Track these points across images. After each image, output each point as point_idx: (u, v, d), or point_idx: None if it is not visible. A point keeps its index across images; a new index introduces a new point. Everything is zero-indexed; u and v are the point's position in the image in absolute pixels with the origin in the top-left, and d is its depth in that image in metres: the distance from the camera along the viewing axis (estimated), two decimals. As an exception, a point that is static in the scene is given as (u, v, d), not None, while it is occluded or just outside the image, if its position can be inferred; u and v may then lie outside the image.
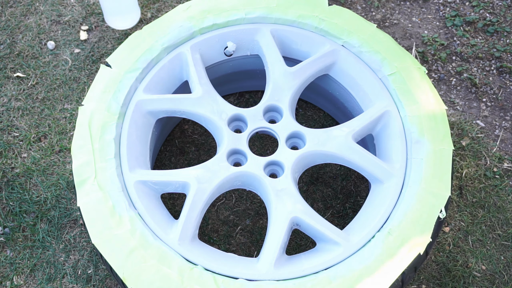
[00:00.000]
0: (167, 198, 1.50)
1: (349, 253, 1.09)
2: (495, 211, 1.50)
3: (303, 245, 1.44)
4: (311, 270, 1.08)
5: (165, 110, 1.27)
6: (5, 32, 1.80)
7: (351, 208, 1.50)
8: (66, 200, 1.50)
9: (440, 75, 1.75)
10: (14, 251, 1.43)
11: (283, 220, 1.13)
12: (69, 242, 1.44)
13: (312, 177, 1.55)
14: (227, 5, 1.38)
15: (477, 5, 1.89)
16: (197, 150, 1.59)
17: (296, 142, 1.28)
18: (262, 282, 1.06)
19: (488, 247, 1.45)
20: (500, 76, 1.76)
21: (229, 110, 1.27)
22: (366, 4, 1.90)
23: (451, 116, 1.67)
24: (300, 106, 1.66)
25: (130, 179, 1.16)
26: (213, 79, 1.41)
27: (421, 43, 1.81)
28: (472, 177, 1.55)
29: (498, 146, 1.62)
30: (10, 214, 1.48)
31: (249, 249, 1.44)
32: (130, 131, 1.23)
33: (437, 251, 1.44)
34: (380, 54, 1.32)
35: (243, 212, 1.49)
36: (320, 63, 1.34)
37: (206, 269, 1.07)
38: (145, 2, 1.87)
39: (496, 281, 1.40)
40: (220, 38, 1.37)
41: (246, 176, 1.20)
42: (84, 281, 1.39)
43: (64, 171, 1.54)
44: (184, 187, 1.18)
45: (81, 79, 1.71)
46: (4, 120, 1.62)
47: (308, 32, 1.37)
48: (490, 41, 1.82)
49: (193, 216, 1.14)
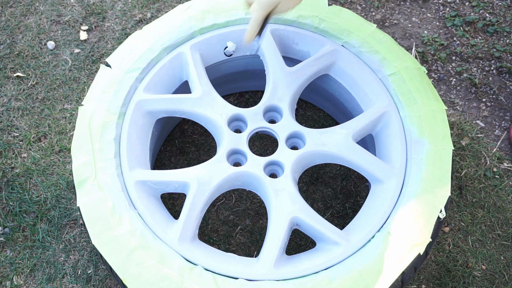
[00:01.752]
0: (167, 198, 1.50)
1: (349, 253, 1.09)
2: (495, 211, 1.50)
3: (303, 245, 1.44)
4: (311, 270, 1.08)
5: (165, 110, 1.27)
6: (5, 32, 1.80)
7: (351, 208, 1.50)
8: (66, 200, 1.50)
9: (440, 75, 1.75)
10: (14, 251, 1.43)
11: (283, 220, 1.13)
12: (69, 242, 1.44)
13: (312, 177, 1.55)
14: (227, 5, 1.38)
15: (477, 5, 1.89)
16: (197, 150, 1.59)
17: (296, 142, 1.28)
18: (262, 282, 1.06)
19: (488, 247, 1.45)
20: (500, 76, 1.76)
21: (229, 110, 1.27)
22: (366, 4, 1.90)
23: (451, 116, 1.67)
24: (300, 106, 1.66)
25: (130, 179, 1.16)
26: (213, 79, 1.41)
27: (421, 43, 1.81)
28: (472, 177, 1.55)
29: (498, 146, 1.62)
30: (10, 214, 1.48)
31: (249, 249, 1.44)
32: (130, 131, 1.23)
33: (437, 251, 1.44)
34: (380, 54, 1.32)
35: (243, 212, 1.49)
36: (320, 63, 1.34)
37: (206, 269, 1.07)
38: (145, 2, 1.87)
39: (496, 281, 1.40)
40: (220, 38, 1.37)
41: (246, 176, 1.20)
42: (84, 281, 1.39)
43: (64, 171, 1.54)
44: (184, 187, 1.18)
45: (81, 79, 1.71)
46: (4, 120, 1.62)
47: (308, 32, 1.37)
48: (490, 41, 1.82)
49: (193, 216, 1.14)
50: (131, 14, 1.84)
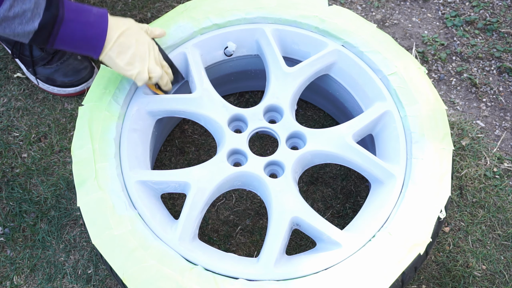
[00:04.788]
0: (167, 198, 1.50)
1: (349, 253, 1.09)
2: (495, 211, 1.50)
3: (303, 245, 1.44)
4: (311, 270, 1.08)
5: (165, 110, 1.27)
6: (5, 32, 1.80)
7: (351, 208, 1.50)
8: (66, 200, 1.50)
9: (440, 75, 1.75)
10: (14, 251, 1.43)
11: (283, 220, 1.13)
12: (69, 242, 1.44)
13: (312, 177, 1.55)
14: (227, 5, 1.38)
15: (477, 5, 1.89)
16: (197, 150, 1.59)
17: (296, 142, 1.28)
18: (262, 282, 1.06)
19: (488, 247, 1.45)
20: (500, 76, 1.76)
21: (229, 110, 1.27)
22: (366, 4, 1.90)
23: (451, 116, 1.67)
24: (300, 106, 1.66)
25: (130, 179, 1.16)
26: (213, 79, 1.41)
27: (421, 43, 1.81)
28: (472, 177, 1.55)
29: (498, 146, 1.62)
30: (10, 214, 1.48)
31: (249, 249, 1.44)
32: (130, 131, 1.23)
33: (437, 251, 1.44)
34: (380, 54, 1.32)
35: (243, 212, 1.49)
36: (320, 63, 1.34)
37: (206, 269, 1.07)
38: (145, 2, 1.87)
39: (496, 281, 1.40)
40: (220, 38, 1.37)
41: (246, 176, 1.20)
42: (84, 281, 1.39)
43: (64, 171, 1.54)
44: (184, 187, 1.18)
45: (81, 79, 1.70)
46: (4, 120, 1.62)
47: (309, 32, 1.37)
48: (490, 41, 1.82)
49: (193, 216, 1.14)
50: (131, 14, 1.84)
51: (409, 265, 1.06)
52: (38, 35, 1.00)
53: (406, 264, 1.06)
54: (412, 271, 1.10)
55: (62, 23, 1.02)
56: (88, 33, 1.06)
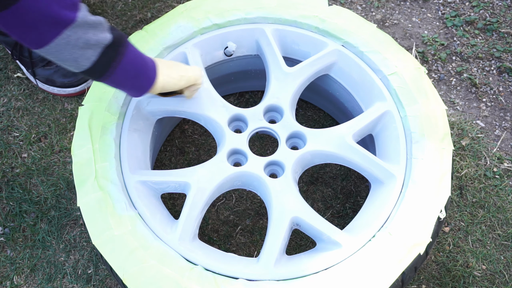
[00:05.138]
0: (167, 198, 1.50)
1: (349, 253, 1.09)
2: (495, 211, 1.50)
3: (303, 245, 1.44)
4: (311, 270, 1.08)
5: (165, 110, 1.27)
6: (5, 32, 1.80)
7: (351, 208, 1.50)
8: (66, 200, 1.50)
9: (440, 75, 1.75)
10: (14, 251, 1.43)
11: (283, 220, 1.13)
12: (69, 242, 1.44)
13: (312, 177, 1.55)
14: (228, 5, 1.38)
15: (477, 5, 1.89)
16: (197, 150, 1.59)
17: (296, 142, 1.28)
18: (262, 282, 1.06)
19: (488, 247, 1.45)
20: (500, 76, 1.76)
21: (229, 110, 1.27)
22: (366, 4, 1.90)
23: (451, 116, 1.67)
24: (300, 106, 1.66)
25: (130, 179, 1.16)
26: (213, 79, 1.41)
27: (421, 43, 1.81)
28: (472, 177, 1.55)
29: (498, 146, 1.62)
30: (10, 214, 1.48)
31: (249, 249, 1.44)
32: (130, 131, 1.23)
33: (437, 251, 1.44)
34: (380, 54, 1.32)
35: (243, 212, 1.49)
36: (320, 63, 1.34)
37: (206, 269, 1.07)
38: (145, 2, 1.87)
39: (496, 281, 1.40)
40: (220, 38, 1.37)
41: (246, 176, 1.20)
42: (84, 281, 1.39)
43: (64, 171, 1.54)
44: (184, 187, 1.18)
45: (81, 79, 1.71)
46: (4, 120, 1.62)
47: (309, 32, 1.37)
48: (490, 41, 1.82)
49: (193, 216, 1.14)
50: (131, 14, 1.84)
51: (409, 265, 1.06)
52: (106, 51, 0.95)
53: (406, 264, 1.06)
54: (412, 271, 1.10)
55: (126, 48, 1.00)
56: (145, 66, 1.07)
